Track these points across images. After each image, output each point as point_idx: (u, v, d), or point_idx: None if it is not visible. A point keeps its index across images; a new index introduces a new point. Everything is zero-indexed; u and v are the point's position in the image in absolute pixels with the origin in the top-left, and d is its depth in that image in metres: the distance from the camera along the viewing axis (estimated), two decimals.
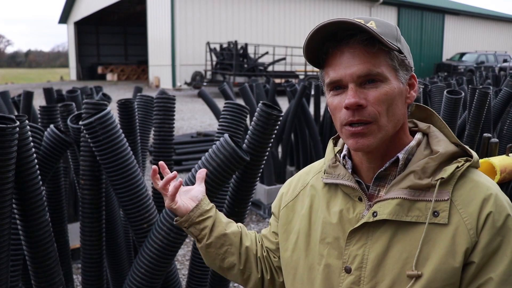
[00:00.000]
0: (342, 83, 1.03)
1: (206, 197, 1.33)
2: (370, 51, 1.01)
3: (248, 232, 1.38)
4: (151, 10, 23.69)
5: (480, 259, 0.97)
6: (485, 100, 3.79)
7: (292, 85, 5.96)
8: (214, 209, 1.32)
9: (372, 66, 1.00)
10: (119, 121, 2.28)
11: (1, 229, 1.56)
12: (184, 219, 1.27)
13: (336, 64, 1.03)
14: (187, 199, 1.30)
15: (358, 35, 1.01)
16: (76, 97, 4.36)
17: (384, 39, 0.98)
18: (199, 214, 1.28)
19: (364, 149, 1.04)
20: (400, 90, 1.05)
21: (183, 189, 1.33)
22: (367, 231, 1.06)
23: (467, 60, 26.17)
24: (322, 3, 25.34)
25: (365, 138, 1.02)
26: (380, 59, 1.01)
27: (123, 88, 22.81)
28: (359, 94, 1.01)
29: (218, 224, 1.30)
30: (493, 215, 0.98)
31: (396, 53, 1.03)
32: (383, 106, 1.01)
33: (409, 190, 1.03)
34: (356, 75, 1.01)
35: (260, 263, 1.33)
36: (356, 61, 1.01)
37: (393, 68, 1.03)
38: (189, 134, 9.07)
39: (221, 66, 19.33)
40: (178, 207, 1.27)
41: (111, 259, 2.27)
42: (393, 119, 1.04)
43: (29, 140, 1.71)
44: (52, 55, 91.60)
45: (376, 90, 1.01)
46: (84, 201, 2.00)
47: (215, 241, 1.29)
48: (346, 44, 1.02)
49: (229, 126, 2.03)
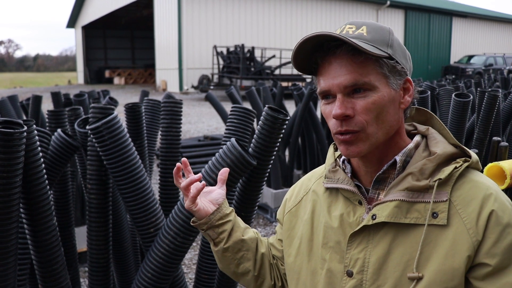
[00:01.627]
0: (330, 93, 1.05)
1: (226, 200, 1.32)
2: (356, 60, 1.01)
3: (263, 238, 1.38)
4: (158, 14, 23.79)
5: (496, 260, 0.95)
6: (494, 103, 3.76)
7: (299, 88, 5.95)
8: (233, 213, 1.32)
9: (359, 75, 1.01)
10: (126, 125, 2.29)
11: (8, 234, 1.56)
12: (203, 221, 1.26)
13: (325, 74, 1.05)
14: (207, 202, 1.29)
15: (343, 46, 1.02)
16: (84, 101, 4.37)
17: (367, 50, 0.98)
18: (219, 218, 1.27)
19: (355, 156, 1.05)
20: (392, 97, 1.04)
21: (204, 190, 1.31)
22: (367, 234, 1.06)
23: (475, 63, 26.01)
24: (329, 6, 25.33)
25: (354, 145, 1.04)
26: (368, 68, 1.02)
27: (130, 92, 22.91)
28: (346, 104, 1.02)
29: (237, 229, 1.30)
30: (496, 213, 0.97)
31: (385, 60, 1.02)
32: (370, 115, 1.02)
33: (407, 192, 1.03)
34: (343, 85, 1.01)
35: (273, 270, 1.34)
36: (343, 71, 1.02)
37: (383, 76, 1.03)
38: (196, 137, 9.09)
39: (228, 69, 19.36)
40: (198, 209, 1.25)
41: (118, 263, 2.27)
42: (383, 126, 1.04)
43: (36, 144, 1.71)
44: (60, 59, 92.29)
45: (364, 100, 1.02)
46: (91, 206, 2.00)
47: (232, 246, 1.28)
48: (333, 55, 1.03)
49: (236, 130, 2.03)
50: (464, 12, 32.06)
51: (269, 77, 18.87)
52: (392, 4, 27.10)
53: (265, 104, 5.40)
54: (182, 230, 1.78)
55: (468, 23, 32.83)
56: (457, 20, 31.84)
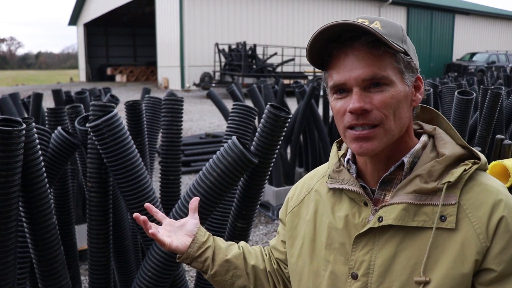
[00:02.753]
0: (346, 86, 1.01)
1: (201, 227, 1.30)
2: (375, 53, 0.98)
3: (251, 249, 1.36)
4: (160, 12, 23.77)
5: (502, 266, 0.94)
6: (497, 100, 3.74)
7: (301, 86, 5.93)
8: (211, 238, 1.30)
9: (377, 69, 0.98)
10: (127, 123, 2.27)
11: (8, 232, 1.56)
12: (184, 256, 1.26)
13: (340, 67, 1.01)
14: (182, 236, 1.27)
15: (362, 37, 0.98)
16: (85, 98, 4.37)
17: (390, 41, 0.95)
18: (198, 248, 1.26)
19: (368, 154, 1.01)
20: (406, 93, 1.02)
21: (176, 224, 1.30)
22: (373, 236, 1.04)
23: (477, 60, 25.91)
24: (331, 3, 25.27)
25: (369, 142, 1.00)
26: (386, 61, 0.99)
27: (132, 89, 22.92)
28: (363, 98, 0.98)
29: (218, 252, 1.29)
30: (506, 219, 0.95)
31: (402, 55, 1.00)
32: (389, 110, 0.99)
33: (415, 195, 1.00)
34: (361, 78, 0.98)
35: (270, 276, 1.32)
36: (361, 64, 0.98)
37: (399, 71, 1.00)
38: (198, 135, 9.08)
39: (230, 67, 19.34)
40: (176, 247, 1.24)
41: (119, 261, 2.26)
42: (399, 123, 1.01)
43: (36, 142, 1.70)
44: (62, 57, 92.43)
45: (382, 94, 0.98)
46: (92, 204, 1.99)
47: (219, 269, 1.27)
48: (350, 46, 0.99)
49: (237, 128, 2.01)
50: (467, 9, 31.95)
51: (271, 75, 18.84)
52: (394, 1, 27.01)
53: (267, 101, 5.39)
54: None
55: (471, 20, 32.72)
56: (459, 17, 31.72)
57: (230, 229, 2.02)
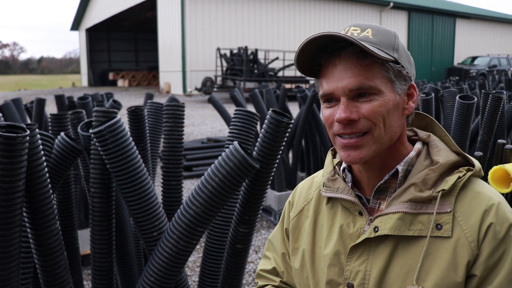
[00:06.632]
0: (334, 96, 1.01)
1: None
2: (362, 63, 0.98)
3: None
4: (162, 17, 23.84)
5: (482, 271, 0.94)
6: (498, 105, 3.74)
7: (303, 90, 5.94)
8: None
9: (364, 79, 0.98)
10: (129, 129, 2.28)
11: (11, 238, 1.56)
12: None
13: (329, 77, 1.01)
14: None
15: (349, 47, 0.98)
16: (87, 104, 4.38)
17: (375, 52, 0.95)
18: None
19: (357, 162, 1.02)
20: (396, 102, 1.02)
21: None
22: (368, 247, 1.03)
23: (479, 64, 25.90)
24: (332, 8, 25.31)
25: (357, 150, 1.00)
26: (374, 71, 0.98)
27: (134, 94, 22.96)
28: (350, 108, 0.99)
29: None
30: (494, 226, 0.95)
31: (391, 64, 1.00)
32: (378, 118, 0.99)
33: (410, 204, 1.00)
34: (348, 88, 0.98)
35: None
36: (348, 74, 0.98)
37: (388, 80, 1.00)
38: (200, 140, 9.09)
39: (231, 71, 19.37)
40: None
41: (121, 266, 2.26)
42: (389, 131, 1.01)
43: (39, 148, 1.71)
44: (64, 62, 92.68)
45: (370, 103, 0.99)
46: (94, 209, 2.00)
47: None
48: (338, 56, 1.00)
49: (239, 133, 2.02)
50: (468, 13, 31.97)
51: (272, 79, 18.86)
52: (396, 5, 27.04)
53: (269, 106, 5.40)
54: (185, 233, 1.78)
55: (472, 24, 32.72)
56: (460, 21, 31.74)
57: (232, 234, 2.02)
